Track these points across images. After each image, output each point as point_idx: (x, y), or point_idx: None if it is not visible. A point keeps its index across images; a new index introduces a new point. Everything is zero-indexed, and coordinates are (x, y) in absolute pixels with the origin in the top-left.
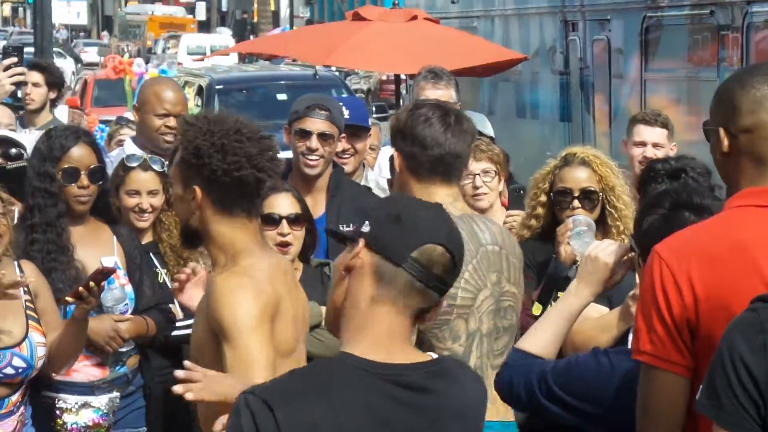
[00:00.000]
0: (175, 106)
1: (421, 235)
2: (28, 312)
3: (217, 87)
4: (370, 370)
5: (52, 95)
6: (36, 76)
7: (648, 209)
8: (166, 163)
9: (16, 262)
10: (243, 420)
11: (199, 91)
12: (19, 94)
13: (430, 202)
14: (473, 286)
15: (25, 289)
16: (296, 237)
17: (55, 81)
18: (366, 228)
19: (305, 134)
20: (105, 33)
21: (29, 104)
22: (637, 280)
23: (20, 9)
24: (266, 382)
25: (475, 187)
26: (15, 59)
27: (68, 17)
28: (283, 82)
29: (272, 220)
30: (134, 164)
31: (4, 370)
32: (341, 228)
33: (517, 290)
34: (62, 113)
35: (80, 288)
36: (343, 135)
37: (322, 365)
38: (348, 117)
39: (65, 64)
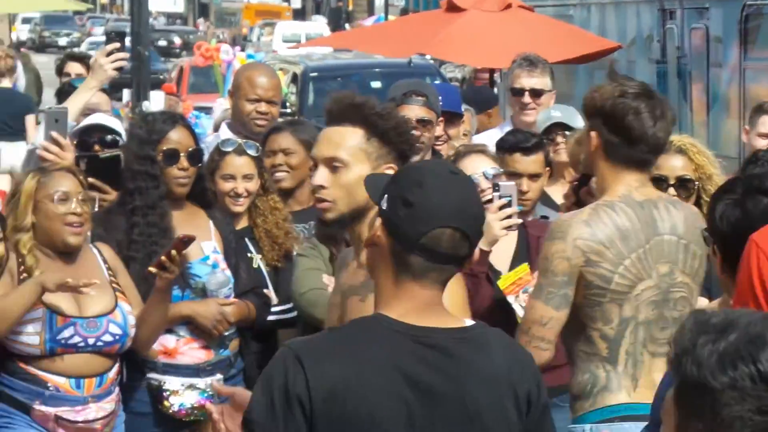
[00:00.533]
0: (267, 92)
1: (430, 220)
2: (113, 285)
3: (312, 74)
4: (402, 331)
5: None
6: (78, 68)
7: (720, 195)
8: (260, 147)
9: (92, 246)
10: (275, 371)
11: (294, 79)
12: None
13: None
14: (633, 275)
15: (107, 266)
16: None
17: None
18: (384, 204)
19: None
20: (201, 20)
21: None
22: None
23: None
24: (306, 337)
25: None
26: (117, 44)
27: (165, 4)
28: (377, 69)
29: None
30: (229, 149)
31: (102, 338)
32: None
33: (691, 281)
34: (158, 99)
35: (162, 257)
36: (441, 119)
37: (357, 324)
38: (441, 103)
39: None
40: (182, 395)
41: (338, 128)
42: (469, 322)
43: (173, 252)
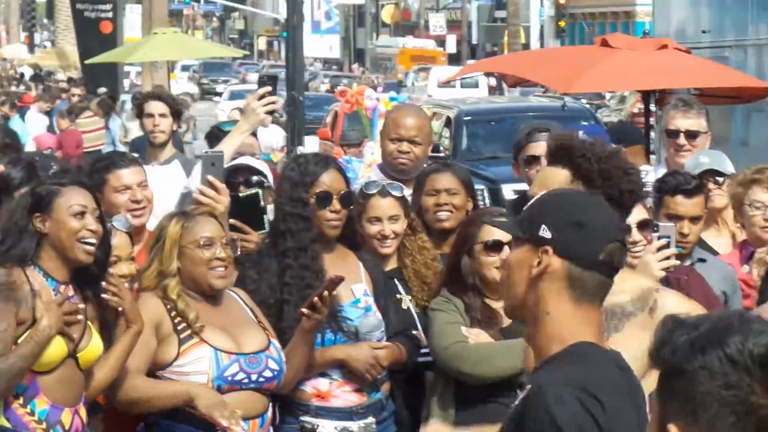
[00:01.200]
0: (409, 131)
1: (603, 237)
2: (260, 324)
3: (465, 118)
4: (610, 357)
5: (175, 126)
6: (161, 107)
7: None
8: (407, 190)
9: (230, 290)
10: (568, 412)
11: (447, 123)
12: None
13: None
14: None
15: (248, 307)
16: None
17: (177, 110)
18: (547, 234)
19: (533, 160)
20: (355, 66)
21: (157, 137)
22: None
23: (275, 42)
24: (563, 372)
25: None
26: (269, 88)
27: (321, 50)
28: (531, 113)
29: None
30: (373, 191)
31: (264, 374)
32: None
33: None
34: (313, 145)
35: (314, 298)
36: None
37: (587, 355)
38: None
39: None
40: None
41: (551, 168)
42: None
43: (325, 293)
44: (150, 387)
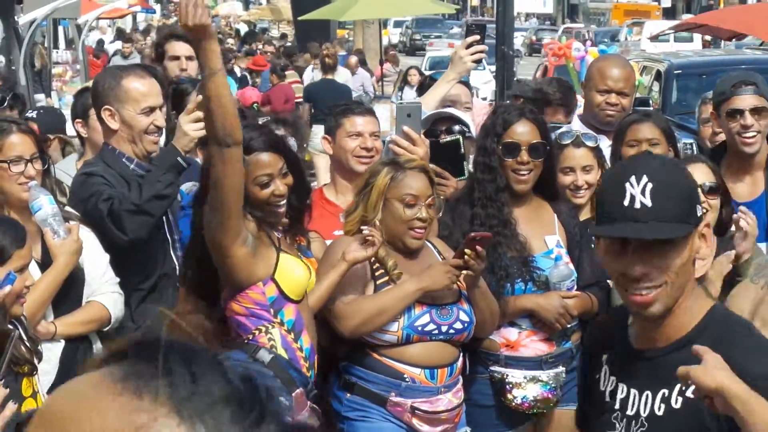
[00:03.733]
0: (617, 83)
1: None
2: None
3: (676, 72)
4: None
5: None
6: (185, 49)
7: None
8: (600, 138)
9: (428, 242)
10: None
11: (657, 76)
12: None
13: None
14: None
15: (443, 259)
16: (713, 207)
17: None
18: (700, 211)
19: (738, 113)
20: (567, 21)
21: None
22: None
23: None
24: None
25: None
26: (477, 36)
27: (534, 5)
28: (744, 66)
29: None
30: (567, 141)
31: (454, 326)
32: None
33: None
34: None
35: (455, 259)
36: None
37: (728, 317)
38: None
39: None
40: (525, 388)
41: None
42: None
43: (467, 250)
44: (378, 301)
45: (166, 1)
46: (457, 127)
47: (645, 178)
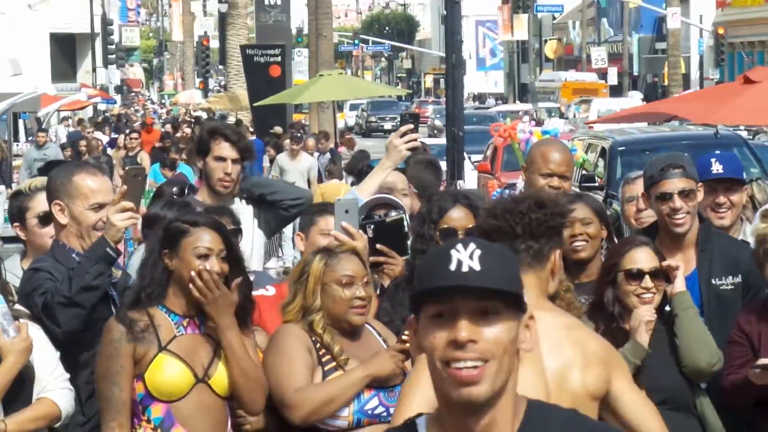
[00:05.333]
0: (559, 167)
1: None
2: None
3: (619, 149)
4: None
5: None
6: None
7: None
8: None
9: (367, 324)
10: None
11: (602, 153)
12: None
13: None
14: None
15: (382, 339)
16: (659, 291)
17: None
18: None
19: (667, 197)
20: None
21: (227, 187)
22: None
23: (441, 80)
24: None
25: None
26: (411, 126)
27: (485, 86)
28: (685, 142)
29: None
30: None
31: None
32: (713, 281)
33: None
34: (471, 178)
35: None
36: (701, 185)
37: None
38: (722, 171)
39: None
40: None
41: None
42: None
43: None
44: (327, 389)
45: (126, 90)
46: (394, 213)
47: (472, 245)
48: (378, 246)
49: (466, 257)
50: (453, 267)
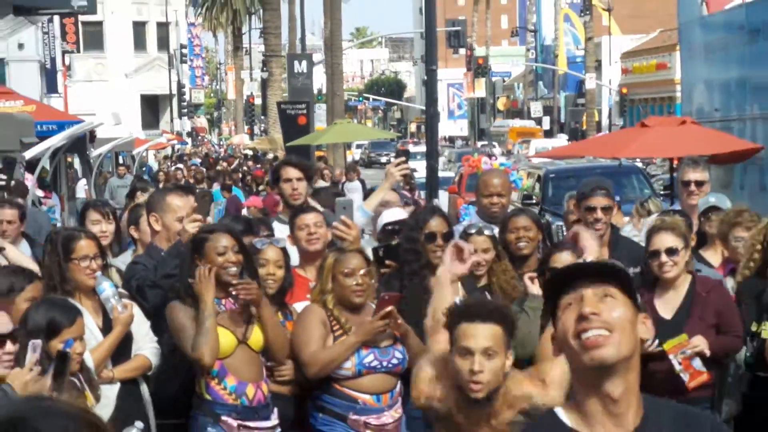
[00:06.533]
0: (496, 188)
1: None
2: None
3: (551, 176)
4: None
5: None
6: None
7: None
8: (496, 229)
9: (369, 302)
10: None
11: (538, 179)
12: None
13: None
14: None
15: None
16: None
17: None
18: None
19: (592, 210)
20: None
21: (297, 199)
22: None
23: (422, 126)
24: None
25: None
26: (403, 158)
27: (454, 130)
28: (597, 170)
29: None
30: (472, 231)
31: (392, 361)
32: None
33: None
34: (444, 197)
35: (381, 312)
36: (618, 202)
37: None
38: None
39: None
40: None
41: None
42: None
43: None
44: (330, 352)
45: (195, 135)
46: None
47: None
48: (387, 262)
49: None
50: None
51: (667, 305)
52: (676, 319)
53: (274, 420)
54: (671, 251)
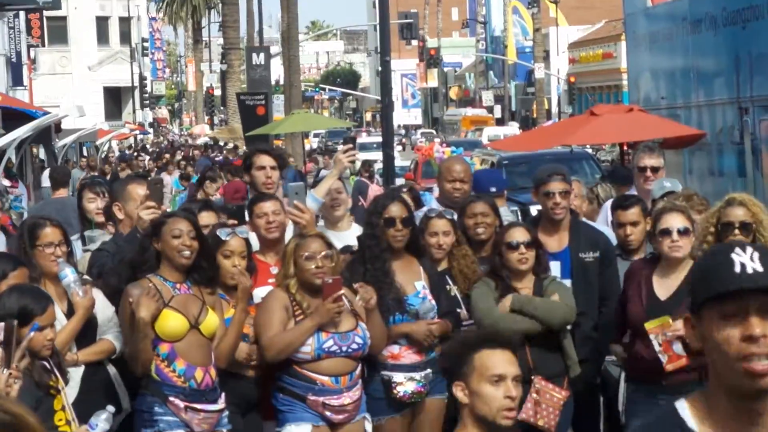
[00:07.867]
0: (459, 174)
1: None
2: (352, 310)
3: (504, 162)
4: None
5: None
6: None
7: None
8: (455, 214)
9: None
10: None
11: (492, 165)
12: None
13: None
14: None
15: (347, 299)
16: (530, 257)
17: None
18: None
19: (551, 194)
20: (432, 130)
21: (270, 187)
22: None
23: (377, 116)
24: None
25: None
26: (351, 145)
27: (408, 119)
28: (549, 157)
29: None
30: (433, 215)
31: (351, 346)
32: (580, 255)
33: None
34: (400, 183)
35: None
36: (574, 187)
37: None
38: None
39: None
40: (405, 385)
41: None
42: None
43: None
44: (287, 336)
45: (157, 125)
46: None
47: (750, 249)
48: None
49: (747, 260)
50: (738, 270)
51: (665, 286)
52: (670, 302)
53: (221, 403)
54: (682, 231)
